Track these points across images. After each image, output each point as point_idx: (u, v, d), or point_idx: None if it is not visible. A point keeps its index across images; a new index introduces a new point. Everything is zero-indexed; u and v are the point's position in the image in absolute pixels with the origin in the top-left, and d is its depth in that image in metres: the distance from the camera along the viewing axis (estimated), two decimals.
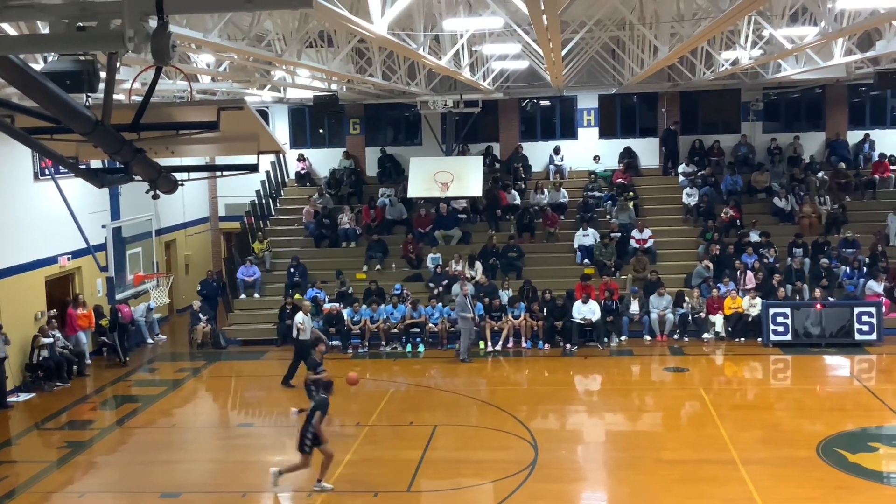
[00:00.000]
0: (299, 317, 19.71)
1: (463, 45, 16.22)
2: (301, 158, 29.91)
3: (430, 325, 22.57)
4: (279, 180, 29.88)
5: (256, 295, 25.06)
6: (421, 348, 22.50)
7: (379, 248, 25.99)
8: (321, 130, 30.49)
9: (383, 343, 22.74)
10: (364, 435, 16.14)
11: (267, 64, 16.68)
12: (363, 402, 18.33)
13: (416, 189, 26.21)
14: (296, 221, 28.01)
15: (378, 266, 25.60)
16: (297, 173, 30.04)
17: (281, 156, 29.21)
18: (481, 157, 27.53)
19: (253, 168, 8.84)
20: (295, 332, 19.61)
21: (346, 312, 23.01)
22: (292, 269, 25.04)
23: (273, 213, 28.93)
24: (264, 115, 27.44)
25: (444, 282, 23.89)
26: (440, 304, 22.91)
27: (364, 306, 23.10)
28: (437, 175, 25.84)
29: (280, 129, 29.70)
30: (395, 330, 22.75)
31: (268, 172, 29.00)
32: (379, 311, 22.87)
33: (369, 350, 22.60)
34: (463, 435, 16.29)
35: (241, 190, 27.89)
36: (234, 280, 25.38)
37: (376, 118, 30.05)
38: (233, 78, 18.43)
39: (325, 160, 30.00)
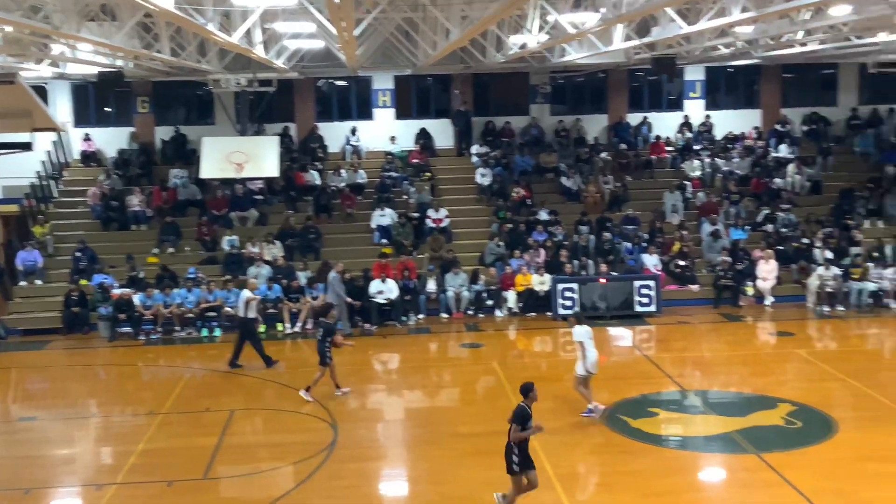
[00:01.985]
0: (246, 294, 19.06)
1: (255, 23, 15.89)
2: (86, 138, 28.42)
3: (227, 308, 22.10)
4: (62, 160, 28.29)
5: (38, 281, 23.71)
6: (217, 332, 22.01)
7: (171, 231, 25.17)
8: (107, 109, 29.07)
9: (178, 328, 22.08)
10: (157, 423, 15.63)
11: (45, 37, 15.72)
12: (156, 390, 17.77)
13: (209, 170, 25.50)
14: (80, 204, 26.66)
15: (171, 249, 24.83)
16: (83, 153, 28.51)
17: (62, 135, 27.66)
18: (277, 138, 27.12)
19: (26, 146, 8.36)
20: (242, 312, 19.00)
21: (137, 298, 22.17)
22: (78, 254, 23.88)
23: (56, 195, 27.39)
24: (41, 91, 25.80)
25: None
26: (236, 287, 22.48)
27: (157, 291, 22.32)
28: (232, 155, 25.24)
29: (61, 106, 28.11)
30: (191, 315, 22.13)
31: (48, 152, 27.42)
32: (172, 296, 22.19)
33: (163, 336, 21.90)
34: (261, 419, 16.11)
35: (19, 170, 26.19)
36: (12, 266, 23.89)
37: (166, 96, 28.95)
38: (7, 51, 17.23)
39: (112, 140, 28.69)
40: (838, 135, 29.59)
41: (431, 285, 23.39)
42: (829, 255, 23.67)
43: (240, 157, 25.41)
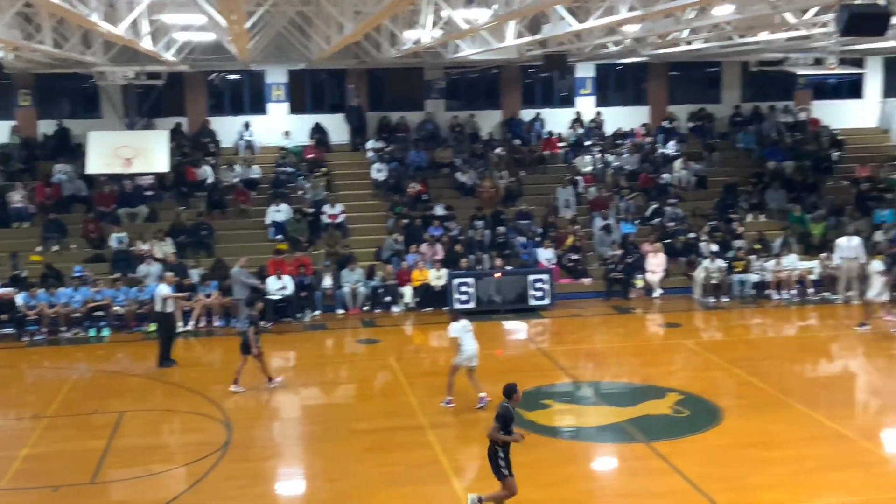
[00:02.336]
0: (163, 289, 18.69)
1: (142, 13, 15.49)
2: None
3: (116, 307, 21.51)
4: None
5: None
6: (106, 332, 21.41)
7: (56, 228, 24.36)
8: None
9: (64, 328, 21.39)
10: (43, 427, 15.11)
11: None
12: (41, 393, 17.19)
13: (95, 165, 24.79)
14: None
15: (55, 247, 24.02)
16: None
17: None
18: (167, 132, 26.49)
19: None
20: (159, 306, 18.63)
21: (20, 298, 21.39)
22: None
23: None
24: None
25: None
26: (125, 286, 21.93)
27: (41, 290, 21.57)
28: (119, 150, 24.61)
29: None
30: (77, 314, 21.46)
31: None
32: (58, 295, 21.47)
33: (48, 337, 21.18)
34: (152, 420, 15.71)
35: None
36: None
37: (49, 89, 27.94)
38: None
39: None
40: (722, 131, 30.57)
41: (327, 281, 23.24)
42: (715, 248, 24.43)
43: (128, 151, 24.78)
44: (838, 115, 31.25)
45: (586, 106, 30.43)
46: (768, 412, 15.16)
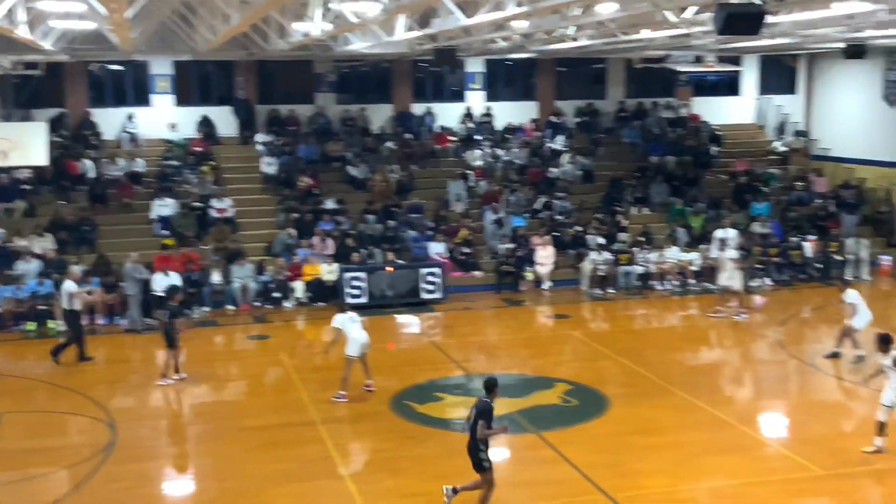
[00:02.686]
0: (69, 286, 18.33)
1: (18, 1, 14.89)
2: None
3: None
4: None
5: None
6: None
7: None
8: None
9: None
10: None
11: None
12: None
13: None
14: None
15: None
16: None
17: None
18: (45, 124, 25.50)
19: None
20: (66, 303, 18.33)
21: None
22: None
23: None
24: None
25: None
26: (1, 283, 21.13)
27: None
28: None
29: None
30: None
31: None
32: None
33: None
34: (33, 422, 15.21)
35: None
36: None
37: None
38: None
39: None
40: (608, 126, 31.24)
41: (216, 277, 22.85)
42: (601, 240, 24.99)
43: (4, 144, 23.72)
44: (717, 111, 32.32)
45: (476, 101, 30.67)
46: (652, 400, 15.61)
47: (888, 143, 28.95)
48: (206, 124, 28.44)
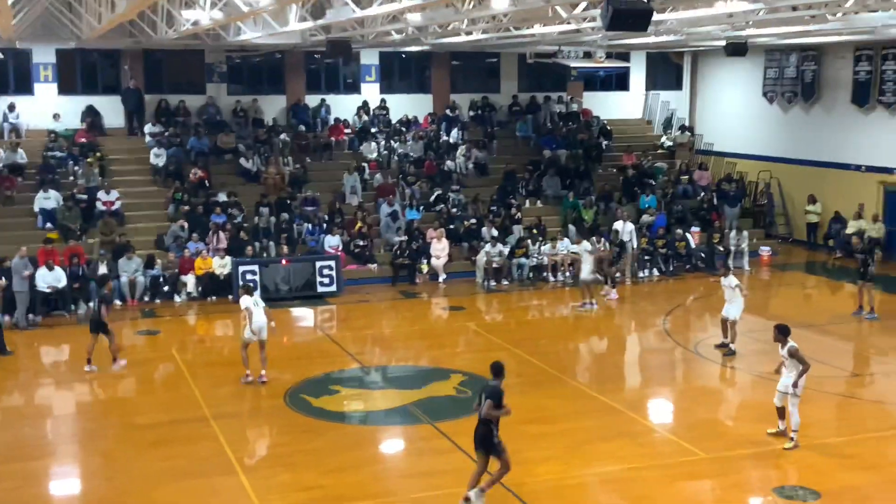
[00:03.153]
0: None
1: None
2: None
3: None
4: None
5: None
6: None
7: None
8: None
9: None
10: None
11: None
12: None
13: None
14: None
15: None
16: None
17: None
18: None
19: None
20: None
21: None
22: None
23: None
24: None
25: None
26: None
27: None
28: None
29: None
30: None
31: None
32: None
33: None
34: None
35: None
36: None
37: None
38: None
39: None
40: (502, 120, 31.60)
41: (103, 271, 22.22)
42: (495, 233, 25.27)
43: None
44: (607, 106, 33.07)
45: (372, 93, 30.62)
46: (545, 389, 15.91)
47: (768, 139, 30.17)
48: (91, 114, 27.61)
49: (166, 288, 22.53)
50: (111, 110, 27.99)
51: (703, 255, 25.98)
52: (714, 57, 31.46)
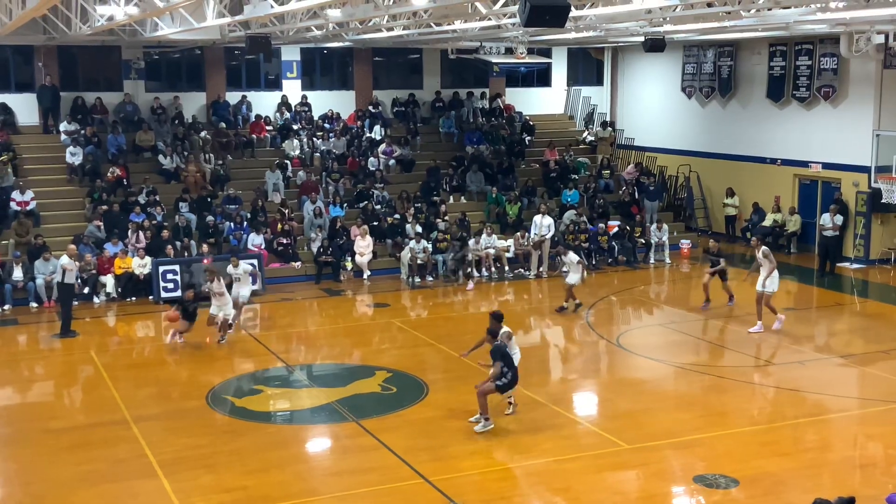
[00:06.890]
0: (64, 260, 19.02)
1: None
2: None
3: None
4: None
5: None
6: None
7: None
8: None
9: None
10: None
11: None
12: None
13: None
14: None
15: None
16: None
17: None
18: None
19: None
20: (60, 278, 19.26)
21: None
22: None
23: None
24: None
25: None
26: None
27: None
28: None
29: None
30: None
31: None
32: None
33: None
34: None
35: None
36: None
37: None
38: None
39: None
40: (425, 116, 31.61)
41: (18, 273, 21.66)
42: (419, 229, 25.27)
43: None
44: (529, 101, 33.33)
45: (293, 90, 30.34)
46: (470, 384, 15.84)
47: (687, 133, 30.74)
48: (4, 112, 26.85)
49: (86, 289, 22.01)
50: (25, 108, 27.25)
51: (619, 248, 26.26)
52: (634, 53, 31.94)
